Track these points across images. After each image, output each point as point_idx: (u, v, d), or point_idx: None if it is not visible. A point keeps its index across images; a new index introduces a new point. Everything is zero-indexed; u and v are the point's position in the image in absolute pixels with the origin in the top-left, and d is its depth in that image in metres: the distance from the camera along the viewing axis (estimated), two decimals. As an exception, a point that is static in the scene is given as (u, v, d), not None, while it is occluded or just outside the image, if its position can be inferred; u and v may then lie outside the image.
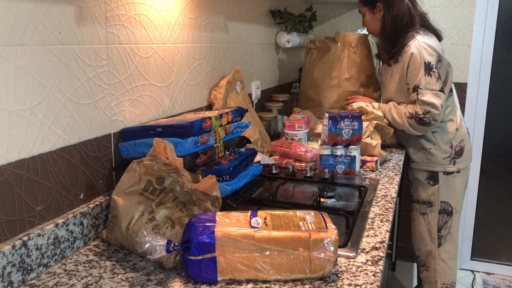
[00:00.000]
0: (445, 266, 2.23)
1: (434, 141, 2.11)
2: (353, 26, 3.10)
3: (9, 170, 0.91)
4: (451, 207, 2.18)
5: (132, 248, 1.04)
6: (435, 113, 1.93)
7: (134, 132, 1.23)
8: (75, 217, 1.07)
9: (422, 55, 1.93)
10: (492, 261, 3.17)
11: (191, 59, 1.60)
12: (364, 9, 2.09)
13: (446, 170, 2.13)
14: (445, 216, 2.19)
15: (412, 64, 1.95)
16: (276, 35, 2.59)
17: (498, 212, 3.06)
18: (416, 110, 1.96)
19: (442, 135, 2.10)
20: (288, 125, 1.93)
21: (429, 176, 2.16)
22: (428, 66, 1.93)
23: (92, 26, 1.10)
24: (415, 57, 1.94)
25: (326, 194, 1.44)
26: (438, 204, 2.17)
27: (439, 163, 2.12)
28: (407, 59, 1.97)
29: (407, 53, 1.97)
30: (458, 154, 2.13)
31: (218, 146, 1.31)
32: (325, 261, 0.93)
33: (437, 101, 1.93)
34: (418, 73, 1.94)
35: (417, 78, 1.94)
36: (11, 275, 0.91)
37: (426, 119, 1.95)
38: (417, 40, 1.96)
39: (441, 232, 2.21)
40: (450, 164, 2.13)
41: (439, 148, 2.11)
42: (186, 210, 1.05)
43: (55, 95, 1.01)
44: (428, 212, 2.19)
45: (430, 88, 1.93)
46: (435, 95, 1.93)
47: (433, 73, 1.93)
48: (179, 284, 0.94)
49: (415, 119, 1.97)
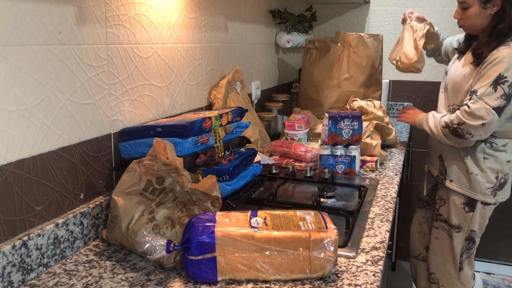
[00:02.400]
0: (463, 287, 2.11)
1: (483, 168, 1.91)
2: (353, 26, 3.11)
3: (9, 170, 0.91)
4: (477, 235, 2.04)
5: (132, 248, 1.04)
6: (470, 126, 1.77)
7: (134, 132, 1.23)
8: (75, 217, 1.07)
9: (504, 65, 1.73)
10: (492, 261, 3.17)
11: (191, 59, 1.60)
12: (474, 1, 1.80)
13: (486, 201, 1.95)
14: (470, 243, 2.04)
15: (488, 68, 1.76)
16: (276, 35, 2.59)
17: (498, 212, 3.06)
18: (452, 119, 1.82)
19: (493, 163, 1.91)
20: (288, 125, 1.93)
21: (466, 202, 1.97)
22: (500, 79, 1.73)
23: (92, 26, 1.10)
24: (496, 63, 1.74)
25: (326, 194, 1.44)
26: (467, 231, 2.01)
27: (482, 192, 1.93)
28: (488, 62, 1.77)
29: (492, 56, 1.76)
30: (500, 187, 1.95)
31: (218, 146, 1.31)
32: (325, 261, 0.93)
33: (480, 116, 1.75)
34: (486, 80, 1.75)
35: (481, 85, 1.76)
36: (11, 275, 0.91)
37: (459, 130, 1.81)
38: (510, 49, 1.75)
39: (462, 257, 2.07)
40: (491, 195, 1.95)
41: (486, 176, 1.92)
42: (186, 210, 1.05)
43: (55, 95, 1.01)
44: (455, 236, 2.03)
45: (485, 101, 1.74)
46: (485, 110, 1.74)
47: (501, 88, 1.73)
48: (179, 284, 0.94)
49: (449, 129, 1.84)
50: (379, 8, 3.04)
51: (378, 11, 3.04)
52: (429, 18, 2.90)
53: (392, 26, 3.03)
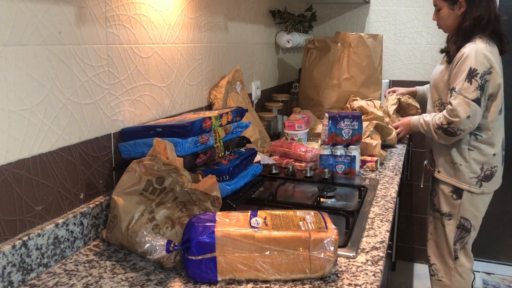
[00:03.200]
0: (461, 279, 2.19)
1: (467, 159, 2.05)
2: (353, 26, 3.11)
3: (9, 170, 0.91)
4: (470, 224, 2.13)
5: (132, 248, 1.04)
6: (458, 122, 1.91)
7: (134, 132, 1.23)
8: (75, 217, 1.07)
9: (472, 59, 1.88)
10: (492, 261, 3.17)
11: (191, 59, 1.60)
12: (443, 3, 2.01)
13: (471, 190, 2.08)
14: (463, 231, 2.15)
15: (459, 65, 1.92)
16: (276, 35, 2.59)
17: (498, 212, 3.06)
18: (441, 121, 1.95)
19: (477, 155, 2.05)
20: (288, 125, 1.93)
21: (453, 190, 2.12)
22: (472, 72, 1.88)
23: (92, 26, 1.10)
24: (464, 60, 1.90)
25: (326, 194, 1.44)
26: (457, 218, 2.13)
27: (466, 181, 2.07)
28: (457, 59, 1.94)
29: (460, 53, 1.93)
30: (486, 178, 2.07)
31: (218, 146, 1.31)
32: (325, 261, 0.93)
33: (463, 110, 1.89)
34: (460, 75, 1.90)
35: (457, 81, 1.91)
36: (11, 275, 0.91)
37: (450, 129, 1.94)
38: (475, 44, 1.91)
39: (456, 245, 2.17)
40: (476, 185, 2.07)
41: (469, 167, 2.05)
42: (186, 210, 1.05)
43: (55, 95, 1.01)
44: (447, 224, 2.16)
45: (464, 95, 1.89)
46: (466, 103, 1.89)
47: (475, 81, 1.88)
48: (179, 284, 0.94)
49: (442, 130, 1.97)
50: (379, 8, 3.04)
51: (378, 11, 3.04)
52: (429, 18, 2.92)
53: (392, 26, 3.03)
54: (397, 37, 3.02)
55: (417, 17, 2.96)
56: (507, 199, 3.04)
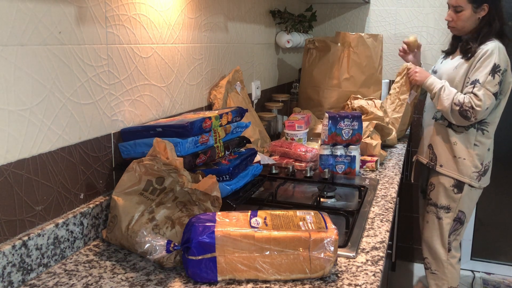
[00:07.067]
0: (453, 270, 2.28)
1: (471, 153, 2.14)
2: (353, 26, 3.11)
3: (9, 170, 0.91)
4: (465, 216, 2.23)
5: (132, 248, 1.04)
6: (478, 111, 1.98)
7: (134, 132, 1.23)
8: (75, 217, 1.07)
9: (496, 56, 1.99)
10: (492, 261, 3.17)
11: (191, 59, 1.60)
12: (468, 5, 2.06)
13: (471, 184, 2.17)
14: (458, 224, 2.24)
15: (484, 60, 2.00)
16: (276, 35, 2.59)
17: (498, 212, 3.06)
18: (465, 101, 2.00)
19: (480, 149, 2.14)
20: (288, 125, 1.93)
21: (455, 184, 2.19)
22: (496, 68, 1.99)
23: (92, 26, 1.10)
24: (489, 55, 1.99)
25: (326, 194, 1.44)
26: (455, 211, 2.21)
27: (469, 175, 2.15)
28: (480, 55, 2.01)
29: (483, 50, 2.01)
30: (484, 173, 2.18)
31: (218, 146, 1.31)
32: (325, 261, 0.93)
33: (487, 101, 1.98)
34: (484, 70, 1.99)
35: (481, 74, 1.99)
36: (11, 275, 0.91)
37: (468, 112, 2.01)
38: (496, 43, 2.03)
39: (450, 238, 2.25)
40: (477, 179, 2.17)
41: (473, 161, 2.14)
42: (186, 210, 1.05)
43: (55, 95, 1.01)
44: (444, 217, 2.23)
45: (487, 87, 1.98)
46: (488, 96, 1.98)
47: (497, 76, 1.99)
48: (179, 284, 0.94)
49: (460, 107, 2.02)
50: (379, 8, 3.04)
51: (378, 11, 3.04)
52: (429, 17, 2.92)
53: (392, 26, 3.03)
54: (397, 37, 3.02)
55: (417, 17, 2.96)
56: (507, 200, 3.04)
